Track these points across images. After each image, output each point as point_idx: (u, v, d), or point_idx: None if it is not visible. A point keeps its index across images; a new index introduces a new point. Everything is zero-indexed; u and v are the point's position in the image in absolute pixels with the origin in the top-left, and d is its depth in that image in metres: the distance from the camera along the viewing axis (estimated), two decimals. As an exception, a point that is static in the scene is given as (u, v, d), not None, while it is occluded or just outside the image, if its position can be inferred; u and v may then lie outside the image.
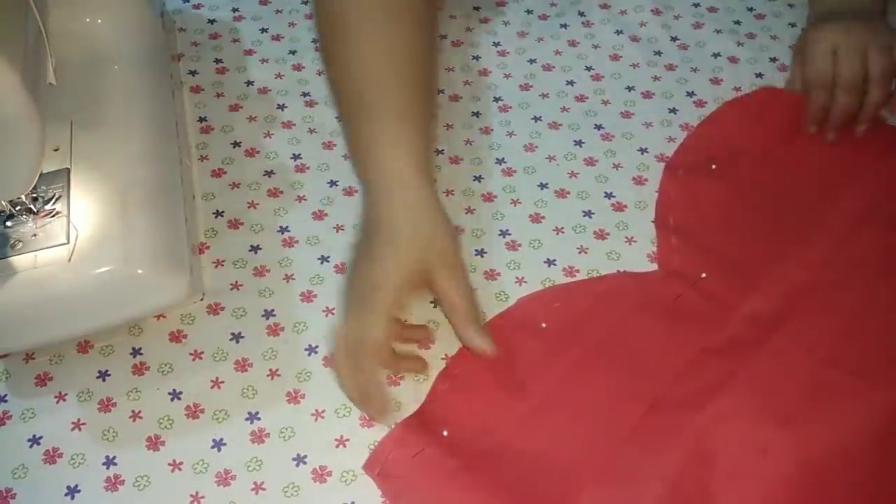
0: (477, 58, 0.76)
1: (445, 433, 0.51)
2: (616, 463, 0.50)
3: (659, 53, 0.77)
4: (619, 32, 0.78)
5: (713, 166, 0.66)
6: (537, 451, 0.51)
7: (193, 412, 0.54)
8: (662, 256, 0.61)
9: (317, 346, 0.57)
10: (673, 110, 0.72)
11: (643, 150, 0.69)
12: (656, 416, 0.52)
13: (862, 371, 0.54)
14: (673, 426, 0.51)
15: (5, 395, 0.54)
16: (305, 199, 0.65)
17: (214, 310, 0.58)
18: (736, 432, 0.51)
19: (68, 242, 0.52)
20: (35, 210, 0.54)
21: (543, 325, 0.57)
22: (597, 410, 0.53)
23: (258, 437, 0.53)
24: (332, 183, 0.66)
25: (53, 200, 0.55)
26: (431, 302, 0.59)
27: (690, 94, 0.74)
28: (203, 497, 0.50)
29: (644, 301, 0.58)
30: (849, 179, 0.65)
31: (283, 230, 0.63)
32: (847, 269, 0.59)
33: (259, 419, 0.53)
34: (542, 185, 0.66)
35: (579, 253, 0.62)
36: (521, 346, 0.55)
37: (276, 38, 0.77)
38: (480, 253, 0.62)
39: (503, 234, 0.63)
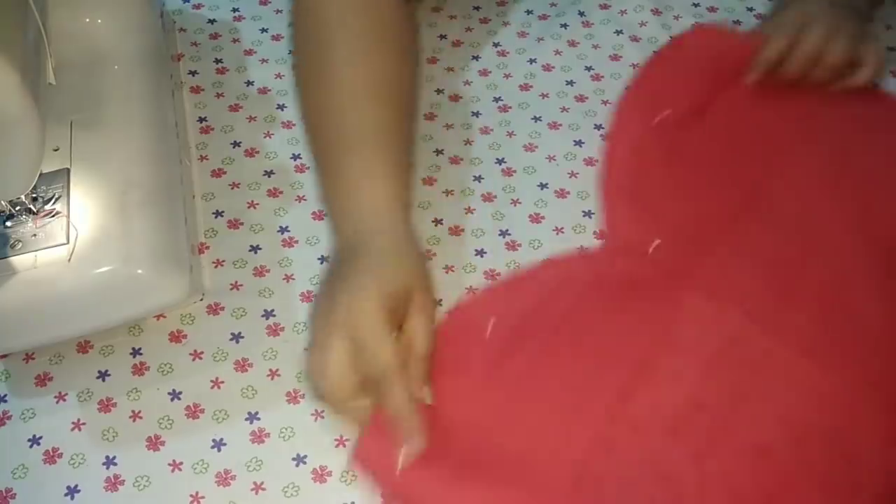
0: (477, 58, 0.76)
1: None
2: (587, 468, 0.49)
3: (659, 53, 0.77)
4: (619, 32, 0.78)
5: (658, 120, 0.63)
6: (507, 460, 0.49)
7: (193, 412, 0.54)
8: (610, 227, 0.58)
9: (317, 346, 0.57)
10: (673, 110, 0.72)
11: (643, 150, 0.69)
12: (622, 413, 0.50)
13: (819, 349, 0.53)
14: (640, 425, 0.50)
15: (5, 395, 0.54)
16: (305, 199, 0.65)
17: (214, 310, 0.58)
18: (710, 425, 0.50)
19: (68, 242, 0.52)
20: (35, 210, 0.54)
21: (492, 323, 0.53)
22: (561, 410, 0.50)
23: (258, 437, 0.53)
24: (332, 183, 0.66)
25: (53, 200, 0.55)
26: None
27: (690, 94, 0.73)
28: (203, 497, 0.50)
29: (593, 281, 0.55)
30: (807, 135, 0.64)
31: (283, 230, 0.63)
32: (808, 236, 0.58)
33: (259, 419, 0.53)
34: (542, 185, 0.66)
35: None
36: (472, 351, 0.52)
37: (276, 38, 0.77)
38: (480, 253, 0.62)
39: (503, 234, 0.63)
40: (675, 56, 0.68)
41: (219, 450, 0.52)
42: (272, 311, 0.58)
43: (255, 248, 0.62)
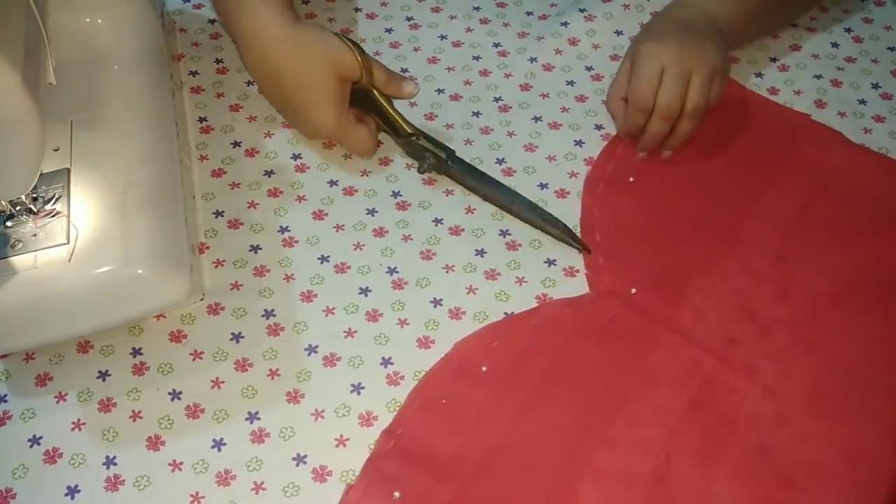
0: (477, 58, 0.76)
1: (397, 495, 0.50)
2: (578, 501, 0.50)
3: (659, 53, 0.77)
4: (619, 33, 0.78)
5: (631, 179, 0.66)
6: (494, 498, 0.50)
7: (193, 412, 0.54)
8: (592, 277, 0.61)
9: (317, 346, 0.57)
10: (673, 110, 0.72)
11: (643, 150, 0.69)
12: (610, 455, 0.52)
13: (795, 389, 0.55)
14: (627, 465, 0.52)
15: (5, 395, 0.54)
16: (305, 199, 0.65)
17: (214, 310, 0.58)
18: (689, 469, 0.52)
19: (68, 242, 0.52)
20: (35, 210, 0.54)
21: (484, 368, 0.56)
22: (549, 453, 0.52)
23: (258, 437, 0.53)
24: (332, 183, 0.66)
25: (53, 200, 0.55)
26: (431, 302, 0.59)
27: (690, 94, 0.73)
28: (203, 497, 0.50)
29: (580, 326, 0.58)
30: (768, 183, 0.66)
31: (283, 230, 0.63)
32: (784, 273, 0.61)
33: (259, 419, 0.53)
34: (542, 185, 0.66)
35: (579, 252, 0.62)
36: (464, 394, 0.54)
37: (277, 38, 0.77)
38: (480, 253, 0.62)
39: (503, 234, 0.63)
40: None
41: (219, 450, 0.52)
42: (272, 311, 0.58)
43: (255, 248, 0.62)
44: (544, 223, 0.63)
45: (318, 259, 0.61)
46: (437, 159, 0.65)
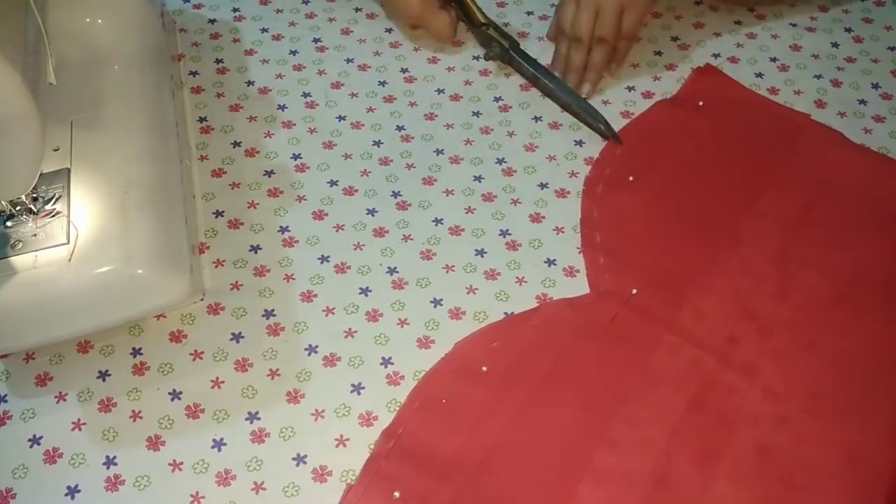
0: (477, 58, 0.76)
1: (397, 495, 0.50)
2: (578, 501, 0.50)
3: (659, 53, 0.77)
4: (619, 32, 0.78)
5: (630, 178, 0.66)
6: (494, 498, 0.50)
7: (193, 412, 0.54)
8: (592, 277, 0.61)
9: (317, 346, 0.57)
10: (673, 110, 0.72)
11: (643, 150, 0.69)
12: (610, 455, 0.52)
13: (794, 388, 0.55)
14: (627, 465, 0.52)
15: (5, 395, 0.54)
16: (305, 199, 0.65)
17: (214, 310, 0.58)
18: (689, 469, 0.52)
19: (68, 242, 0.52)
20: (35, 210, 0.54)
21: (484, 368, 0.55)
22: (549, 453, 0.52)
23: (258, 437, 0.53)
24: (332, 183, 0.66)
25: (53, 200, 0.55)
26: (431, 302, 0.59)
27: (691, 94, 0.73)
28: (203, 497, 0.50)
29: (581, 327, 0.58)
30: (769, 183, 0.66)
31: (283, 230, 0.63)
32: (784, 273, 0.60)
33: (259, 419, 0.53)
34: (542, 185, 0.66)
35: (579, 252, 0.62)
36: (464, 394, 0.54)
37: (277, 38, 0.77)
38: (480, 253, 0.62)
39: (503, 234, 0.63)
40: (640, 125, 0.71)
41: (219, 450, 0.52)
42: (272, 311, 0.58)
43: (255, 248, 0.62)
44: (588, 116, 0.70)
45: (318, 259, 0.61)
46: (501, 49, 0.74)
